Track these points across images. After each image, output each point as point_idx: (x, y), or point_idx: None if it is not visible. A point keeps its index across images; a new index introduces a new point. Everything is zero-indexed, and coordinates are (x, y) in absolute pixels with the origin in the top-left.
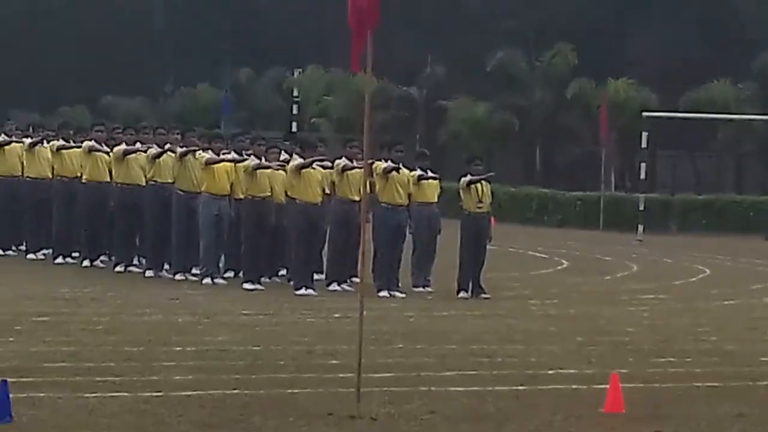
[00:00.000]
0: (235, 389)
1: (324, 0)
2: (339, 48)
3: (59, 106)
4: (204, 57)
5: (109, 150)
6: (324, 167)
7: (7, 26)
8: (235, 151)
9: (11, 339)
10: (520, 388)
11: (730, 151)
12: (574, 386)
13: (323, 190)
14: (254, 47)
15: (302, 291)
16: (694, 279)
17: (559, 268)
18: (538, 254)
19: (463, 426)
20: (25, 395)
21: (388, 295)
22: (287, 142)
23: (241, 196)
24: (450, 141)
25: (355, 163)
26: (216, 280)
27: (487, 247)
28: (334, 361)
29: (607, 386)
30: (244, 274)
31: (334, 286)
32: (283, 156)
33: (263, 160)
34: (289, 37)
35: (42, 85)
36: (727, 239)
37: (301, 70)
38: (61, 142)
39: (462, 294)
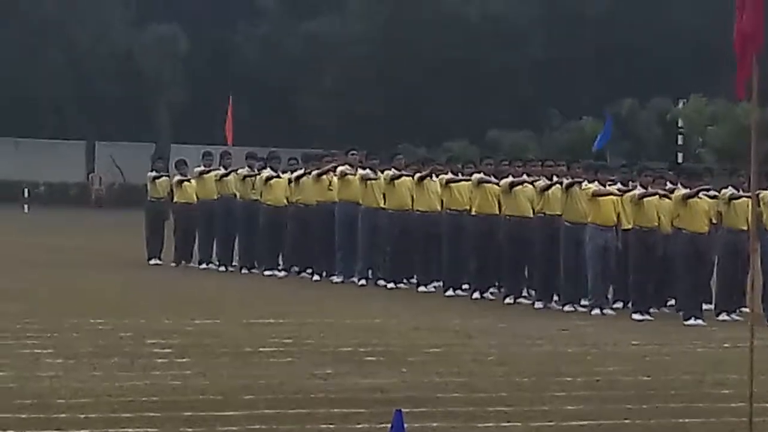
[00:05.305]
0: (626, 419)
1: (709, 29)
2: (723, 77)
3: (444, 140)
4: (589, 88)
5: (497, 182)
6: (710, 197)
7: (395, 63)
8: (621, 182)
9: (404, 370)
10: None
11: None
12: None
13: (710, 220)
14: (639, 78)
15: (691, 321)
16: None
17: None
18: None
19: None
20: (419, 425)
21: None
22: (671, 172)
23: (628, 227)
24: None
25: (740, 192)
26: (605, 311)
27: None
28: (725, 391)
29: None
30: (632, 304)
31: (723, 316)
32: (669, 186)
33: (649, 190)
34: (674, 67)
35: (429, 120)
36: None
37: (685, 100)
38: (450, 176)
39: None
